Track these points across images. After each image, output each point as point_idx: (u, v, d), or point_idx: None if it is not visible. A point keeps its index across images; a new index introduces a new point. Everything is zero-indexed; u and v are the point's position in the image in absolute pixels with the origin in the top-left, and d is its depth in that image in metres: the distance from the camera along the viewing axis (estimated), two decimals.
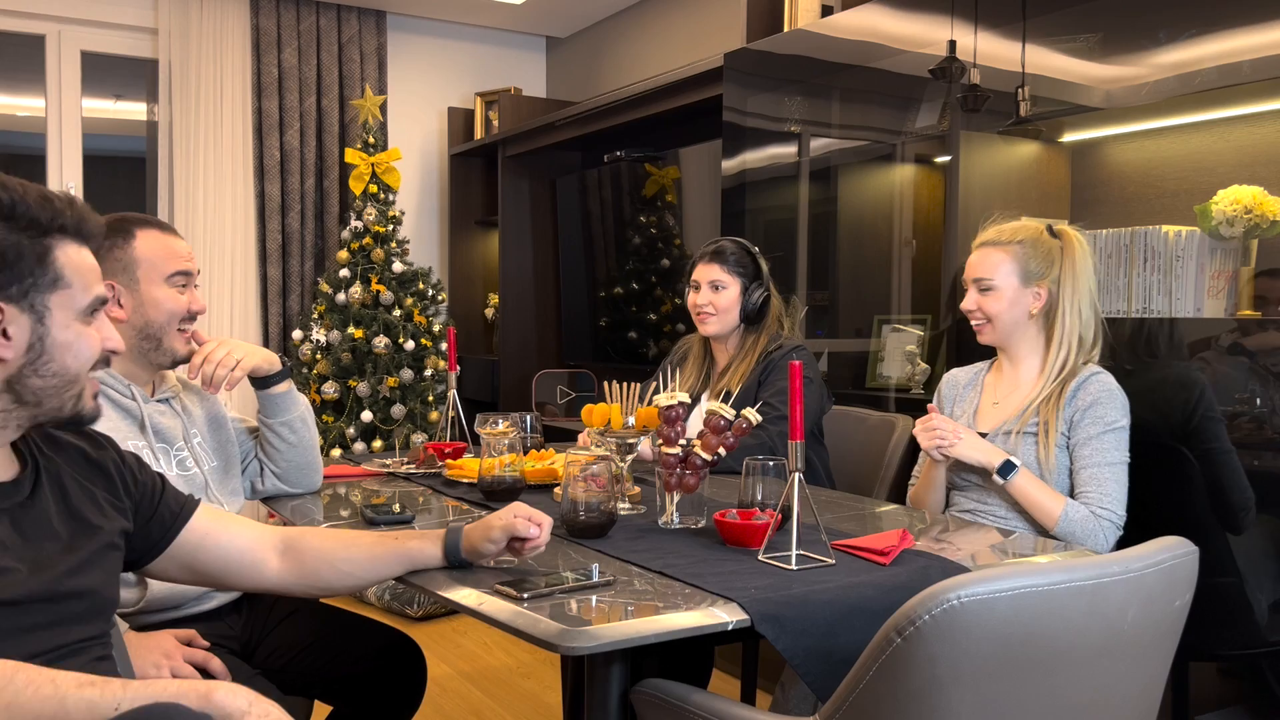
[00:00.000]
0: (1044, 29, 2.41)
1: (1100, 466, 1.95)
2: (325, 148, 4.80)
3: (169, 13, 4.49)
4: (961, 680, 1.09)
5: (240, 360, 1.88)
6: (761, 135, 3.30)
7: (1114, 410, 1.97)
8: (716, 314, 2.52)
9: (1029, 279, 2.06)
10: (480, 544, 1.45)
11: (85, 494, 1.27)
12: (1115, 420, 1.96)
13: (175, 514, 1.39)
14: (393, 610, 3.92)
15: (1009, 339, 2.10)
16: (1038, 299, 2.06)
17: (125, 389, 1.79)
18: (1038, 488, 1.95)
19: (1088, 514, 1.91)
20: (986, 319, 2.10)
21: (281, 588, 1.48)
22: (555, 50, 5.42)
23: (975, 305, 2.11)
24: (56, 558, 1.19)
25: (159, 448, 1.79)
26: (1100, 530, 1.90)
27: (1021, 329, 2.09)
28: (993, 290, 2.08)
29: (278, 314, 4.72)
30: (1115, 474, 1.94)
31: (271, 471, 2.02)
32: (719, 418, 1.75)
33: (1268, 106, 2.20)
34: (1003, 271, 2.07)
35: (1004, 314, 2.07)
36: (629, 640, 1.22)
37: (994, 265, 2.08)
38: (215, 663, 1.64)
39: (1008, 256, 2.07)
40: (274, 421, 1.98)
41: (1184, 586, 1.24)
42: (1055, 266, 2.06)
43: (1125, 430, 1.98)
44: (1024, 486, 1.95)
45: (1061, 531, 1.91)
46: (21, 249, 1.14)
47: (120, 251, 1.77)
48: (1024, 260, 2.06)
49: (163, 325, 1.79)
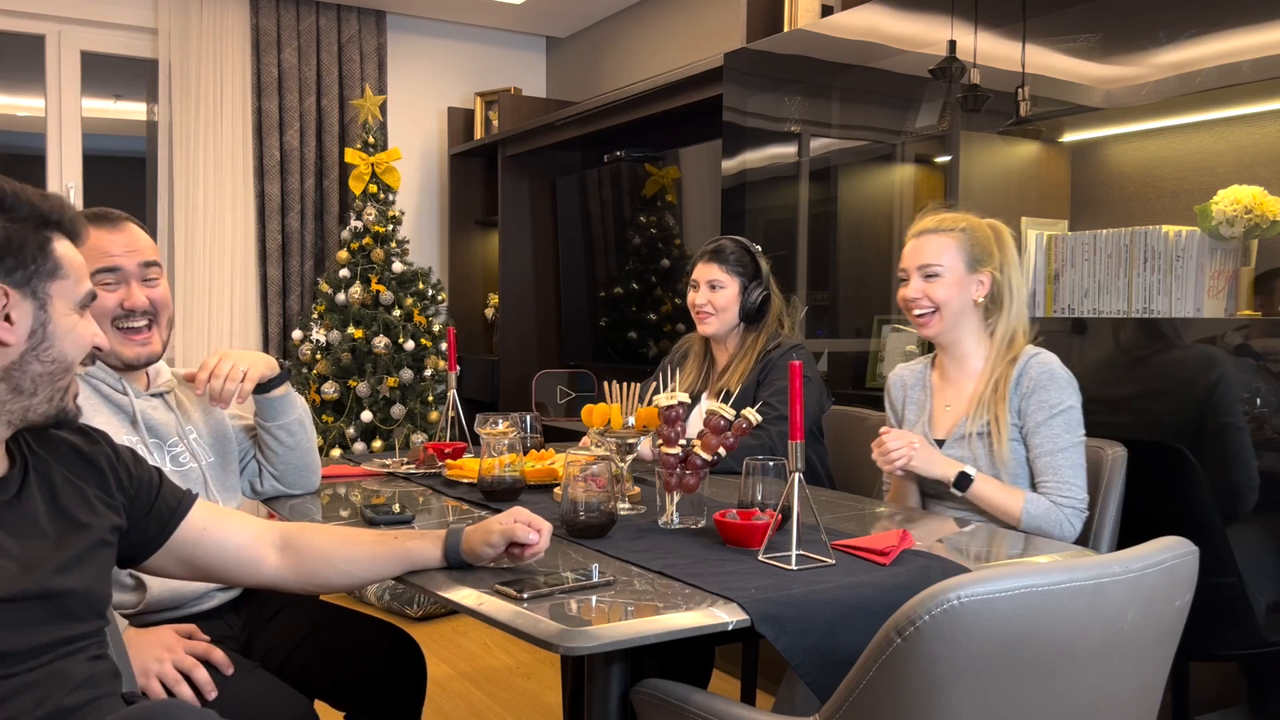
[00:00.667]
0: (1044, 29, 2.41)
1: (1053, 454, 1.93)
2: (325, 148, 4.80)
3: (169, 13, 4.49)
4: (961, 680, 1.09)
5: (246, 371, 1.87)
6: (761, 135, 3.30)
7: (1058, 392, 1.95)
8: (715, 313, 2.52)
9: (974, 265, 2.04)
10: (479, 547, 1.45)
11: (74, 491, 1.27)
12: (1061, 402, 1.95)
13: (173, 509, 1.39)
14: (392, 610, 3.92)
15: (953, 331, 2.07)
16: (981, 286, 2.04)
17: (117, 383, 1.78)
18: (995, 489, 1.94)
19: (1049, 505, 1.90)
20: (934, 307, 2.04)
21: (280, 584, 1.48)
22: (555, 50, 5.42)
23: (920, 293, 2.05)
24: (45, 555, 1.19)
25: (152, 443, 1.78)
26: (1064, 518, 1.89)
27: (966, 319, 2.06)
28: (939, 276, 2.03)
29: (278, 314, 4.72)
30: (1069, 459, 1.93)
31: (270, 473, 2.02)
32: (719, 418, 1.75)
33: (1268, 106, 2.20)
34: (948, 256, 2.03)
35: (952, 300, 2.03)
36: (629, 640, 1.22)
37: (939, 250, 2.04)
38: (217, 654, 1.64)
39: (953, 242, 2.04)
40: (272, 425, 1.98)
41: (1184, 586, 1.24)
42: (995, 255, 2.05)
43: (1074, 410, 1.96)
44: (982, 492, 1.94)
45: (1027, 527, 1.90)
46: (24, 238, 1.17)
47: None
48: (968, 246, 2.04)
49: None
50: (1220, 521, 2.06)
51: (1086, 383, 2.18)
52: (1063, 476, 1.92)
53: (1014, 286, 2.06)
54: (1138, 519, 2.03)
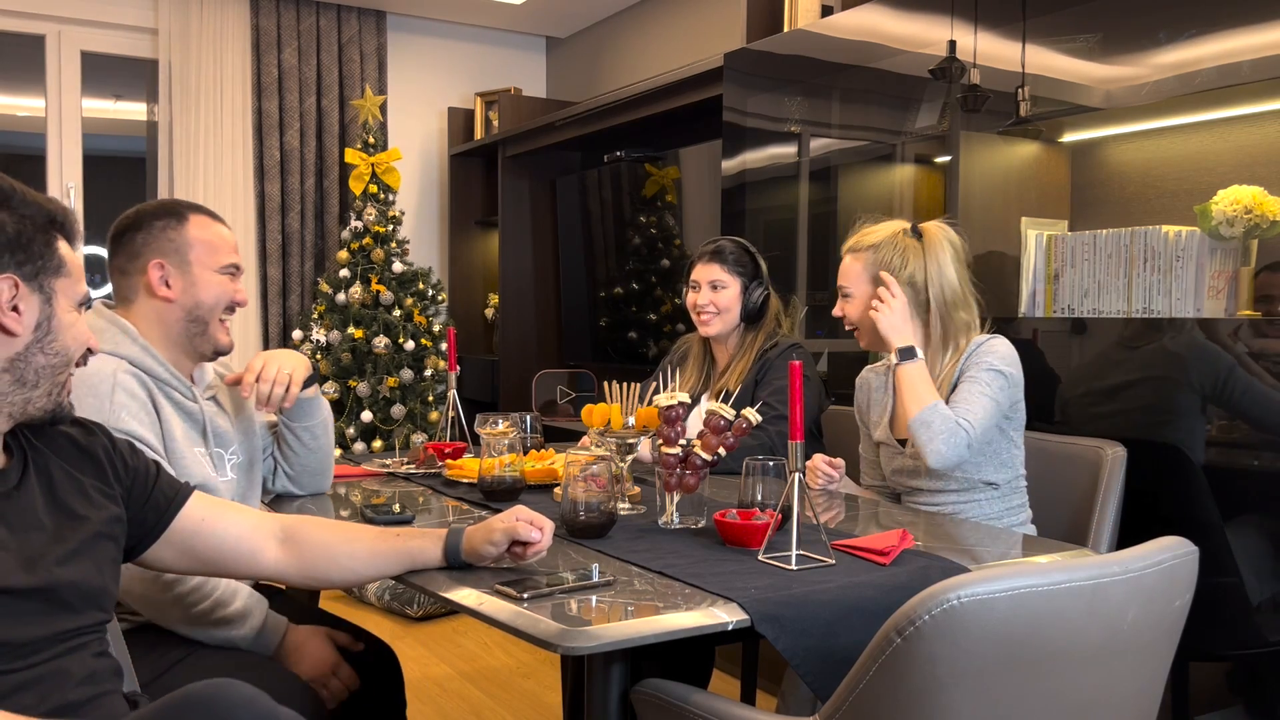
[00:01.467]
0: (1044, 29, 2.41)
1: (970, 393, 1.96)
2: (325, 148, 4.80)
3: (169, 13, 4.49)
4: (961, 680, 1.09)
5: (292, 375, 1.87)
6: (761, 135, 3.30)
7: (997, 359, 1.98)
8: (717, 313, 2.52)
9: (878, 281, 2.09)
10: (481, 546, 1.45)
11: (72, 483, 1.27)
12: (995, 364, 1.98)
13: (170, 499, 1.40)
14: (392, 610, 3.92)
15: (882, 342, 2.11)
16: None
17: (188, 390, 1.77)
18: (924, 381, 1.97)
19: (950, 415, 1.92)
20: (855, 325, 2.16)
21: (280, 576, 1.49)
22: (555, 50, 5.42)
23: (841, 312, 2.17)
24: (44, 548, 1.19)
25: (215, 452, 1.78)
26: (954, 435, 1.90)
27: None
28: (851, 297, 2.14)
29: (278, 314, 4.72)
30: (984, 402, 1.94)
31: (284, 472, 2.02)
32: (719, 418, 1.75)
33: (1268, 106, 2.20)
34: (855, 278, 2.13)
35: (865, 319, 2.11)
36: (629, 640, 1.22)
37: (847, 272, 2.14)
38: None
39: (859, 263, 2.13)
40: (297, 425, 1.98)
41: (1184, 586, 1.24)
42: (909, 264, 2.08)
43: (1005, 376, 1.97)
44: (915, 374, 1.98)
45: (918, 421, 1.92)
46: (33, 235, 1.20)
47: (173, 232, 1.76)
48: (874, 266, 2.10)
49: (210, 308, 1.77)
50: (1220, 521, 2.06)
51: (1088, 381, 2.19)
52: (973, 406, 1.94)
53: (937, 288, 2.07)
54: (1138, 519, 2.03)
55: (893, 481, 2.16)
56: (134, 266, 1.76)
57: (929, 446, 1.91)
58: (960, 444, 1.90)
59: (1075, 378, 2.19)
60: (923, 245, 2.10)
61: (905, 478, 2.11)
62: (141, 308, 1.76)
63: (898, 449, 2.12)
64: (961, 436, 1.90)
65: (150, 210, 1.79)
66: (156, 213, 1.78)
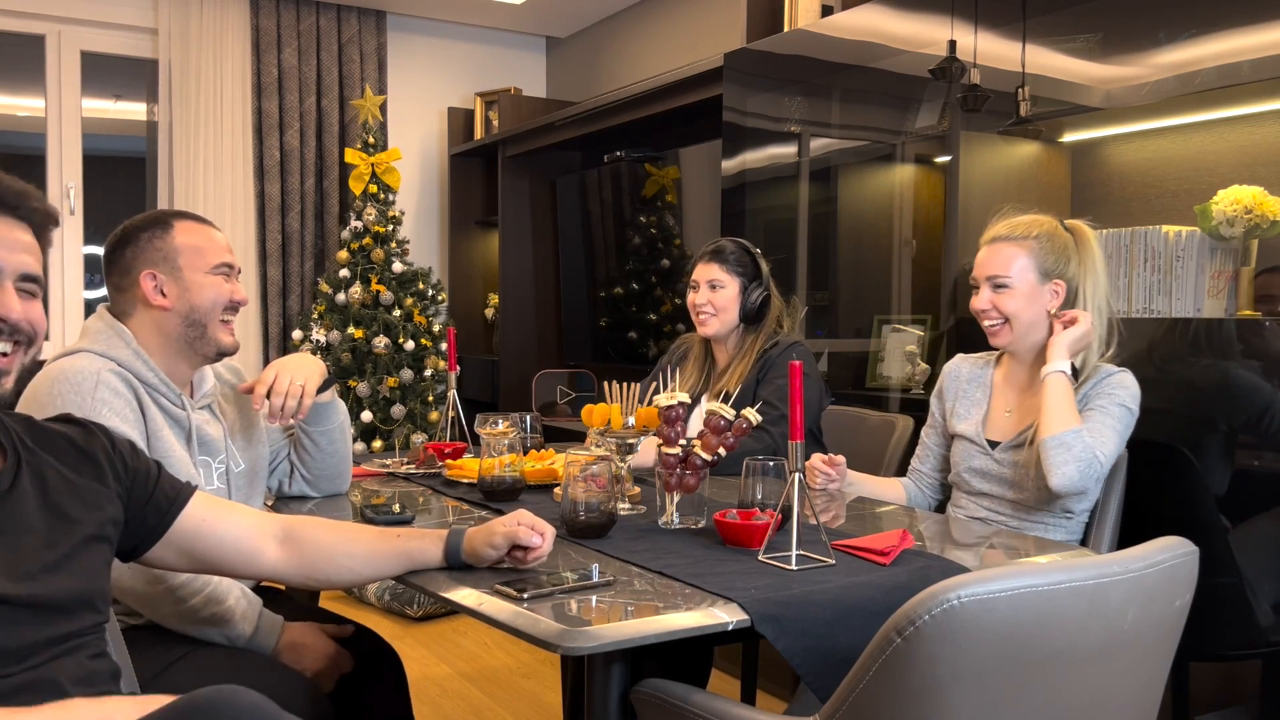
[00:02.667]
0: (1044, 29, 2.41)
1: (1104, 424, 1.87)
2: (325, 148, 4.80)
3: (169, 13, 4.49)
4: (961, 680, 1.09)
5: (304, 385, 1.87)
6: (761, 135, 3.30)
7: (1129, 396, 1.91)
8: (715, 313, 2.51)
9: (1046, 275, 1.97)
10: (481, 548, 1.45)
11: (68, 486, 1.26)
12: (1125, 400, 1.90)
13: (171, 499, 1.39)
14: (392, 610, 3.92)
15: (1025, 340, 2.02)
16: (1055, 296, 1.98)
17: (176, 397, 1.77)
18: (1071, 401, 1.87)
19: (1090, 445, 1.84)
20: (1003, 318, 1.99)
21: (280, 576, 1.49)
22: (555, 50, 5.42)
23: (989, 304, 1.99)
24: (35, 554, 1.18)
25: (200, 460, 1.78)
26: (1090, 465, 1.83)
27: (1038, 330, 2.00)
28: (1008, 288, 1.97)
29: (278, 314, 4.72)
30: (1115, 439, 1.88)
31: (301, 475, 2.02)
32: (719, 418, 1.75)
33: (1268, 106, 2.20)
34: (1018, 267, 1.97)
35: (1022, 313, 1.98)
36: (629, 640, 1.22)
37: (1008, 260, 1.97)
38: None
39: (1023, 251, 1.97)
40: (314, 429, 1.98)
41: (1184, 586, 1.24)
42: (1072, 262, 1.98)
43: (1132, 413, 1.91)
44: (1066, 390, 1.87)
45: (1057, 441, 1.83)
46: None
47: (160, 241, 1.77)
48: (1040, 255, 1.97)
49: (208, 311, 1.77)
50: (1220, 521, 2.06)
51: None
52: (1106, 438, 1.86)
53: (1093, 296, 1.99)
54: (1138, 519, 2.03)
55: (963, 477, 2.07)
56: (127, 281, 1.77)
57: (1062, 468, 1.82)
58: (1091, 475, 1.84)
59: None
60: (1078, 243, 2.01)
61: (980, 479, 2.03)
62: (140, 319, 1.77)
63: (983, 448, 2.04)
64: (1096, 468, 1.84)
65: (136, 223, 1.80)
66: (142, 225, 1.80)
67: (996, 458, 2.01)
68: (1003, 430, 2.04)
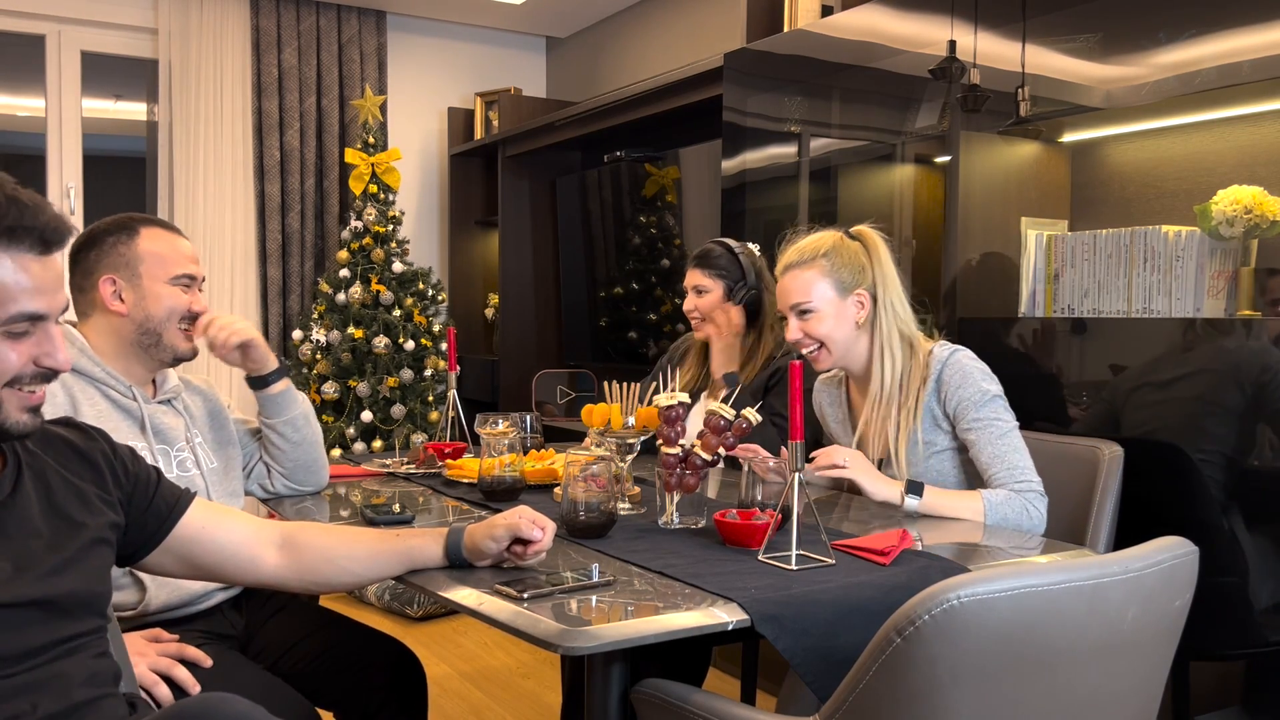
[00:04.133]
0: (1044, 29, 2.41)
1: (994, 443, 1.89)
2: (325, 148, 4.80)
3: (169, 13, 4.49)
4: (961, 680, 1.09)
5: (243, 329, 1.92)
6: (761, 135, 3.30)
7: (981, 381, 1.92)
8: (702, 319, 2.56)
9: (845, 289, 1.99)
10: (483, 542, 1.45)
11: (70, 490, 1.26)
12: (985, 391, 1.92)
13: (171, 506, 1.39)
14: (392, 610, 3.92)
15: (848, 357, 2.03)
16: (861, 307, 2.00)
17: (126, 389, 1.79)
18: (948, 497, 1.87)
19: (1008, 494, 1.85)
20: (818, 343, 2.01)
21: (280, 582, 1.48)
22: (555, 50, 5.42)
23: (800, 333, 2.01)
24: (40, 557, 1.18)
25: (159, 449, 1.79)
26: (1026, 505, 1.84)
27: (857, 344, 2.02)
28: (813, 312, 1.99)
29: (278, 314, 4.72)
30: (1010, 443, 1.89)
31: (278, 472, 2.03)
32: (719, 418, 1.75)
33: (1268, 106, 2.20)
34: (817, 290, 1.99)
35: (834, 333, 1.99)
36: (629, 640, 1.22)
37: (806, 286, 1.99)
38: (190, 650, 1.64)
39: (816, 272, 1.99)
40: (275, 421, 1.99)
41: (1184, 586, 1.24)
42: (866, 270, 2.00)
43: (999, 398, 1.92)
44: (937, 502, 1.86)
45: (993, 522, 1.84)
46: None
47: (124, 247, 1.79)
48: (834, 272, 1.99)
49: (162, 321, 1.80)
50: (1220, 521, 2.06)
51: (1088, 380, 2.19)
52: (1011, 462, 1.87)
53: (885, 297, 2.00)
54: (1138, 519, 2.03)
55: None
56: (88, 283, 1.79)
57: (1022, 528, 1.83)
58: (1040, 505, 1.85)
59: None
60: (867, 248, 2.03)
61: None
62: (97, 322, 1.80)
63: None
64: (1034, 498, 1.84)
65: (104, 226, 1.82)
66: (109, 229, 1.81)
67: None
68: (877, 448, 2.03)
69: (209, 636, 1.76)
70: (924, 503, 1.86)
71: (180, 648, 1.64)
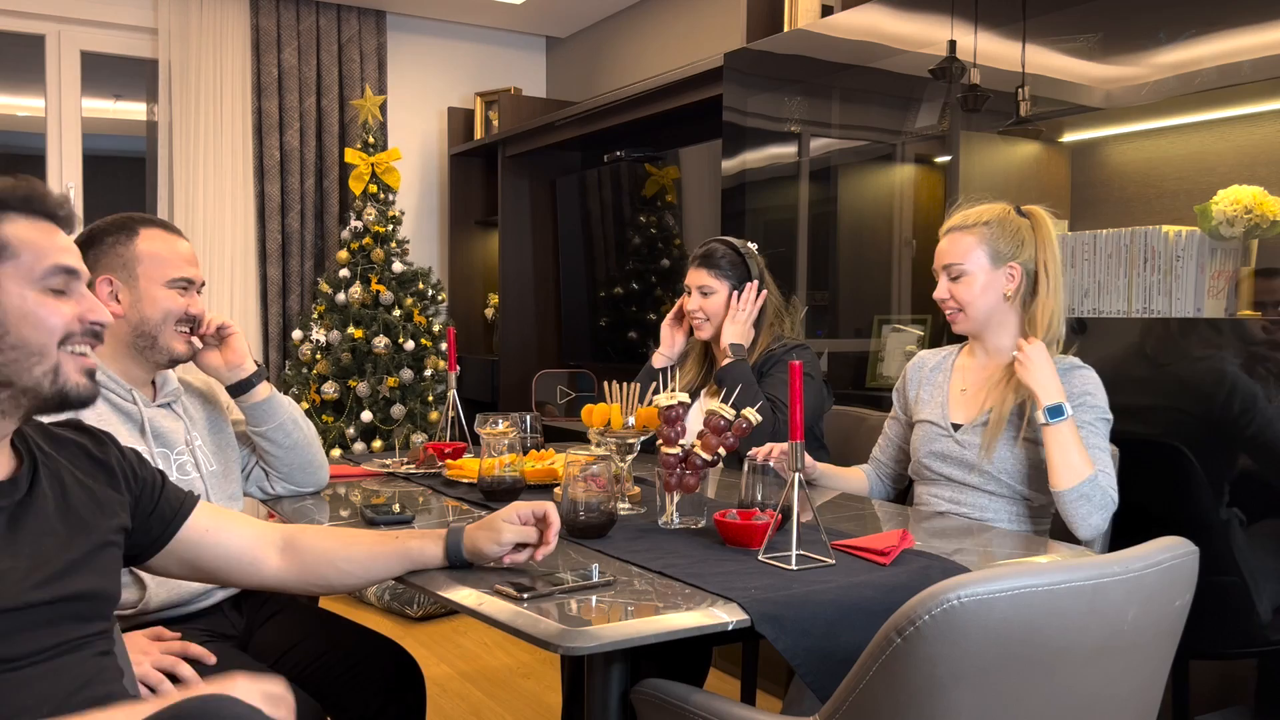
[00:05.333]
0: (1044, 29, 2.41)
1: (1100, 449, 1.89)
2: (325, 148, 4.80)
3: (169, 13, 4.49)
4: (962, 680, 1.09)
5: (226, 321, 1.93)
6: (761, 135, 3.30)
7: (1102, 401, 1.93)
8: (706, 319, 2.53)
9: (999, 259, 2.00)
10: (485, 545, 1.45)
11: (85, 491, 1.27)
12: (1104, 412, 1.93)
13: (175, 510, 1.40)
14: (392, 610, 3.92)
15: (985, 326, 2.04)
16: (1010, 280, 2.01)
17: (126, 392, 1.79)
18: (1078, 447, 1.86)
19: (1106, 488, 1.85)
20: (959, 307, 2.03)
21: (281, 585, 1.49)
22: (555, 50, 5.42)
23: (948, 293, 2.04)
24: (55, 556, 1.19)
25: (158, 452, 1.79)
26: (1108, 509, 1.85)
27: (998, 314, 2.03)
28: (964, 275, 2.01)
29: (278, 314, 4.72)
30: (1108, 461, 1.90)
31: (276, 475, 2.02)
32: (719, 418, 1.74)
33: (1268, 106, 2.20)
34: (972, 255, 2.00)
35: (977, 300, 2.01)
36: (629, 640, 1.22)
37: (963, 250, 2.01)
38: (194, 648, 1.64)
39: (975, 239, 2.01)
40: (263, 429, 1.98)
41: (1184, 586, 1.24)
42: (1028, 246, 2.01)
43: (1109, 421, 1.94)
44: (1068, 437, 1.85)
45: (1077, 494, 1.82)
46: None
47: (122, 248, 1.78)
48: (992, 240, 2.00)
49: (158, 324, 1.79)
50: (1220, 521, 2.06)
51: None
52: (1105, 464, 1.88)
53: (1049, 279, 2.00)
54: (1138, 519, 2.03)
55: (921, 465, 2.07)
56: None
57: (1087, 520, 1.83)
58: (1110, 513, 1.85)
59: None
60: (1034, 226, 2.03)
61: (941, 463, 2.04)
62: None
63: (946, 431, 2.05)
64: (1111, 505, 1.85)
65: (103, 226, 1.81)
66: (108, 228, 1.80)
67: (959, 439, 2.02)
68: (965, 412, 2.05)
69: (210, 636, 1.76)
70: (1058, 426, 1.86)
71: (184, 646, 1.64)
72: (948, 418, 2.07)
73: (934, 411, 2.09)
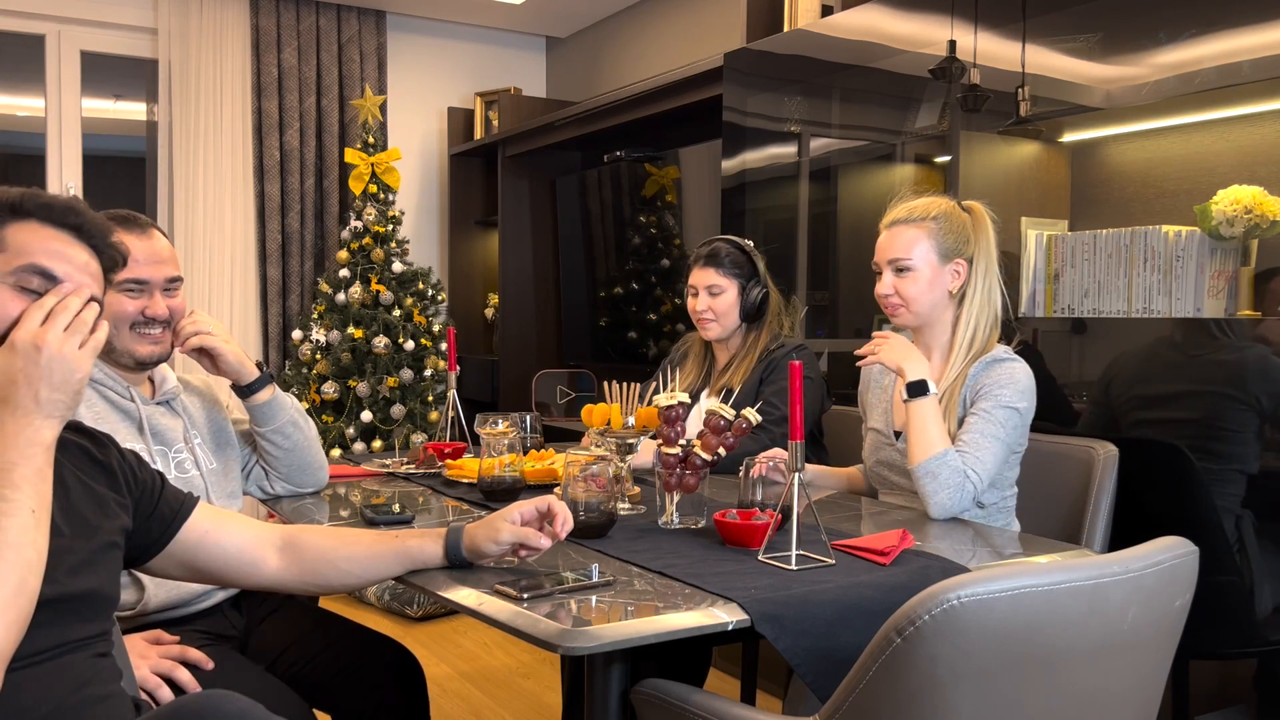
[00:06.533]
0: (1044, 29, 2.41)
1: (983, 434, 1.85)
2: (325, 148, 4.80)
3: (169, 13, 4.49)
4: (961, 680, 1.09)
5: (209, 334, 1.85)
6: (761, 135, 3.30)
7: (1014, 394, 1.89)
8: (716, 319, 2.51)
9: (946, 256, 1.97)
10: (485, 544, 1.45)
11: (87, 492, 1.27)
12: (1012, 401, 1.88)
13: (175, 511, 1.40)
14: (392, 610, 3.92)
15: (926, 321, 2.01)
16: (956, 276, 1.98)
17: (124, 390, 1.78)
18: (935, 422, 1.84)
19: (961, 467, 1.82)
20: (903, 302, 1.98)
21: (280, 585, 1.49)
22: (555, 50, 5.42)
23: (892, 289, 1.98)
24: (57, 557, 1.19)
25: (157, 450, 1.79)
26: (962, 488, 1.81)
27: (942, 311, 2.00)
28: (910, 270, 1.97)
29: (278, 314, 4.72)
30: (995, 448, 1.85)
31: (276, 475, 2.02)
32: (719, 418, 1.74)
33: (1268, 106, 2.20)
34: (919, 249, 1.96)
35: (923, 295, 1.97)
36: (629, 640, 1.22)
37: (909, 243, 1.97)
38: (192, 652, 1.64)
39: (922, 233, 1.96)
40: (265, 430, 1.97)
41: (1184, 586, 1.24)
42: (970, 242, 1.98)
43: (1020, 414, 1.89)
44: (926, 413, 1.84)
45: (924, 470, 1.81)
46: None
47: None
48: (940, 236, 1.96)
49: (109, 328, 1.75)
50: (1219, 521, 2.06)
51: (1088, 380, 2.19)
52: (983, 456, 1.84)
53: (985, 276, 1.98)
54: (1138, 519, 2.03)
55: (873, 474, 2.07)
56: None
57: (933, 498, 1.81)
58: (966, 497, 1.82)
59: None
60: (975, 222, 2.00)
61: (888, 471, 2.03)
62: None
63: (888, 439, 2.03)
64: (969, 490, 1.82)
65: None
66: None
67: (899, 448, 1.99)
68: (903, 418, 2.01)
69: (209, 637, 1.76)
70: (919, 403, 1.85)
71: (182, 650, 1.64)
72: (891, 425, 2.05)
73: (879, 419, 2.08)
